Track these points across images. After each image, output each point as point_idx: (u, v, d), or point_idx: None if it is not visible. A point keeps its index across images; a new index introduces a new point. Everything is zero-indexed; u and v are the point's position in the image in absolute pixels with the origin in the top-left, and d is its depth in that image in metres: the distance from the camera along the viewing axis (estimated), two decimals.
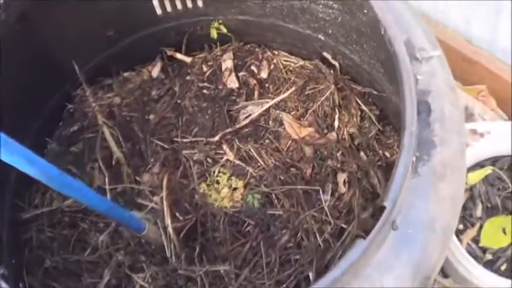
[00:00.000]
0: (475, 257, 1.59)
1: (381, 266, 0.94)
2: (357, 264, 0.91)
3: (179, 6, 1.63)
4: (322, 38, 1.57)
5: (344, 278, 0.90)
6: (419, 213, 0.99)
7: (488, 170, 1.63)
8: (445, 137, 1.06)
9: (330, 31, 1.53)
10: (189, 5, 1.63)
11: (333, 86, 1.58)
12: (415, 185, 1.01)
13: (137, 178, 1.54)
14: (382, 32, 1.14)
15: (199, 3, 1.63)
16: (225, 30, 1.70)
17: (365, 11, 1.31)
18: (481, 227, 1.64)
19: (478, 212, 1.69)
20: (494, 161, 1.76)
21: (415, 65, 1.13)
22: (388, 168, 1.48)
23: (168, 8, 1.63)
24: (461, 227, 1.67)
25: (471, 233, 1.64)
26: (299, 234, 1.39)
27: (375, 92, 1.52)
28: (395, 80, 1.17)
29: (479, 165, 1.73)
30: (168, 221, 1.37)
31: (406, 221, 0.98)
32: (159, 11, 1.63)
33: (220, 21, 1.69)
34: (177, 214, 1.42)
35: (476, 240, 1.63)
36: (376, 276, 0.93)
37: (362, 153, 1.52)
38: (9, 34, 1.36)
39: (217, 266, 1.34)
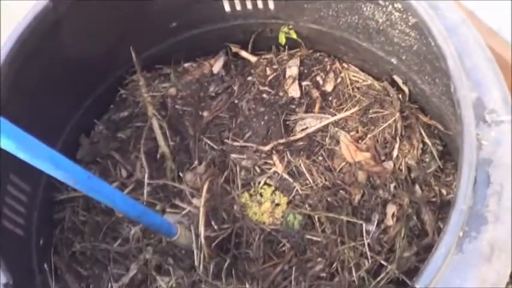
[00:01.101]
0: None
1: None
2: None
3: (249, 5, 1.56)
4: (395, 62, 1.49)
5: None
6: None
7: None
8: (500, 214, 0.96)
9: (403, 57, 1.45)
10: (260, 5, 1.56)
11: (398, 114, 1.50)
12: (456, 263, 0.92)
13: (180, 174, 1.50)
14: (452, 90, 1.05)
15: (271, 6, 1.55)
16: (294, 36, 1.62)
17: None
18: None
19: None
20: None
21: (482, 128, 1.03)
22: (442, 206, 1.41)
23: (238, 6, 1.57)
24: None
25: None
26: (334, 265, 1.33)
27: (441, 128, 1.43)
28: None
29: None
30: (201, 229, 1.32)
31: None
32: (227, 8, 1.56)
33: (291, 26, 1.61)
34: (213, 223, 1.37)
35: None
36: None
37: (417, 187, 1.44)
38: (66, 15, 1.33)
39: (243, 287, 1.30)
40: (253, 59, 1.69)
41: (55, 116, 1.47)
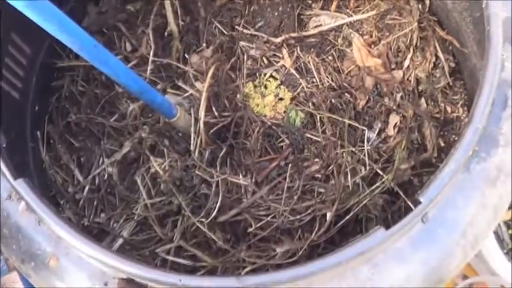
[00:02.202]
0: (500, 240, 1.51)
1: (395, 257, 0.89)
2: (371, 251, 0.86)
3: None
4: None
5: (355, 261, 0.86)
6: (456, 213, 0.91)
7: None
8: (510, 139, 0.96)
9: None
10: None
11: (415, 24, 1.47)
12: (461, 182, 0.92)
13: (186, 56, 1.47)
14: (484, 6, 1.03)
15: None
16: None
17: None
18: None
19: None
20: None
21: (507, 50, 1.00)
22: (445, 123, 1.42)
23: None
24: None
25: (506, 215, 1.55)
26: (330, 168, 1.33)
27: (457, 45, 1.41)
28: (482, 41, 1.08)
29: None
30: (202, 113, 1.30)
31: (439, 217, 0.91)
32: None
33: None
34: (214, 109, 1.35)
35: (508, 224, 1.55)
36: (385, 266, 0.88)
37: (423, 100, 1.44)
38: None
39: (237, 178, 1.29)
40: None
41: None
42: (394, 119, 1.40)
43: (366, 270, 0.87)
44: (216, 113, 1.35)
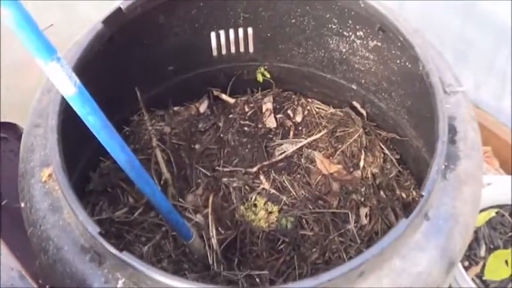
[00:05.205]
0: None
1: (416, 248, 1.15)
2: (398, 241, 1.10)
3: (233, 49, 1.84)
4: (355, 87, 1.79)
5: (386, 252, 1.10)
6: (447, 209, 1.21)
7: (492, 212, 1.83)
8: (467, 152, 1.31)
9: (362, 81, 1.75)
10: (241, 49, 1.85)
11: (361, 130, 1.80)
12: (444, 187, 1.24)
13: (180, 200, 1.70)
14: (421, 68, 1.38)
15: (250, 49, 1.85)
16: (268, 76, 1.92)
17: (398, 61, 1.55)
18: (483, 265, 1.84)
19: (482, 252, 1.90)
20: (496, 208, 1.98)
21: (445, 97, 1.38)
22: (404, 206, 1.67)
23: (223, 51, 1.84)
24: (466, 264, 1.87)
25: (475, 269, 1.84)
26: (327, 254, 1.57)
27: (398, 137, 1.74)
28: (419, 124, 1.54)
29: (482, 211, 1.94)
30: (213, 232, 1.55)
31: (436, 214, 1.20)
32: (214, 53, 1.84)
33: (266, 67, 1.91)
34: (220, 229, 1.59)
35: (479, 276, 1.83)
36: (412, 255, 1.14)
37: (382, 192, 1.71)
38: (99, 54, 1.50)
39: (257, 272, 1.51)
40: (231, 100, 1.96)
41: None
42: (363, 210, 1.67)
43: (397, 262, 1.12)
44: (222, 231, 1.59)
